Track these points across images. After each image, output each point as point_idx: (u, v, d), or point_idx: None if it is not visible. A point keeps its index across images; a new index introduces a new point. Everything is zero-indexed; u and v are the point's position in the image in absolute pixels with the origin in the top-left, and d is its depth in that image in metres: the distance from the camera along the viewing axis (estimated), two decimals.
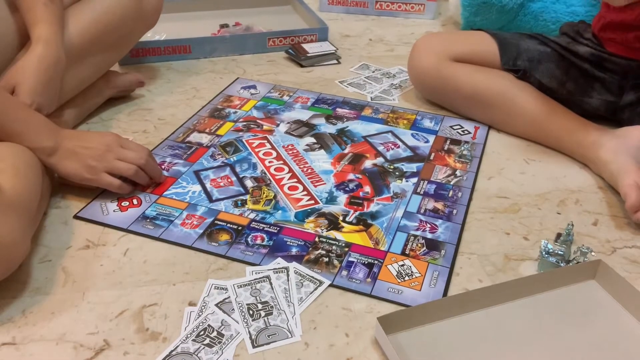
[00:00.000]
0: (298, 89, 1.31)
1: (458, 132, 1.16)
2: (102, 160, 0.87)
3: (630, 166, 0.94)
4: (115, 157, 0.88)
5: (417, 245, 0.85)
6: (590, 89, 1.12)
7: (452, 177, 1.02)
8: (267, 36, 1.49)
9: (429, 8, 1.77)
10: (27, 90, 0.89)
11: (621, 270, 0.82)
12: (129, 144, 0.91)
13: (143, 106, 1.22)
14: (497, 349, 0.69)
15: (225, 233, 0.86)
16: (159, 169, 0.96)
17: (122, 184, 0.90)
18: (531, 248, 0.86)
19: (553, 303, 0.76)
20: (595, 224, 0.92)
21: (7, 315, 0.71)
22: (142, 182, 0.93)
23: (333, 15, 1.78)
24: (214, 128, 1.14)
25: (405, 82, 1.36)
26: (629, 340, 0.71)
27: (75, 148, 0.87)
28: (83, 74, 1.07)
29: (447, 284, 0.79)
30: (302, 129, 1.15)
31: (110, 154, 0.88)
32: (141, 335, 0.70)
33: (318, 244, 0.84)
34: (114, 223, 0.87)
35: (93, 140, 0.89)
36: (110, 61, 1.15)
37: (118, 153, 0.89)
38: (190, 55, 1.44)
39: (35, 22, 0.94)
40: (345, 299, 0.76)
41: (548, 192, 0.99)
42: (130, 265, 0.80)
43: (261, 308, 0.73)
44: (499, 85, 1.13)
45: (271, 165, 1.03)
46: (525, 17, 1.52)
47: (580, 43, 1.14)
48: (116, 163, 0.88)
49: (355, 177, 1.00)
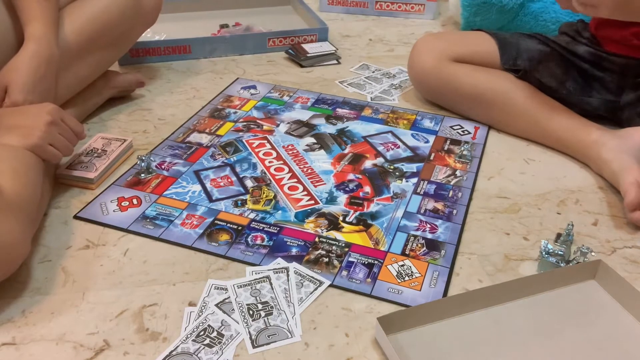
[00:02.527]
0: (298, 89, 1.31)
1: (458, 132, 1.16)
2: (46, 137, 0.84)
3: (632, 165, 0.94)
4: (58, 131, 0.86)
5: (417, 245, 0.85)
6: (590, 88, 1.12)
7: (452, 177, 1.02)
8: (267, 36, 1.49)
9: (429, 8, 1.77)
10: (18, 88, 0.89)
11: (621, 270, 0.82)
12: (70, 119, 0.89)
13: (143, 106, 1.22)
14: (497, 349, 0.69)
15: (225, 233, 0.86)
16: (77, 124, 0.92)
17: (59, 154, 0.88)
18: (531, 248, 0.86)
19: (553, 303, 0.76)
20: (595, 224, 0.92)
21: (7, 315, 0.71)
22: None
23: (333, 15, 1.78)
24: (214, 128, 1.14)
25: (405, 82, 1.36)
26: (629, 340, 0.71)
27: (16, 122, 0.84)
28: (82, 72, 1.06)
29: (447, 284, 0.79)
30: (302, 129, 1.15)
31: (54, 127, 0.85)
32: (141, 336, 0.70)
33: (318, 244, 0.84)
34: (114, 223, 0.87)
35: (35, 111, 0.86)
36: (109, 60, 1.14)
37: (61, 126, 0.86)
38: (190, 55, 1.44)
39: (28, 20, 0.94)
40: (345, 299, 0.76)
41: (548, 192, 0.99)
42: (130, 265, 0.80)
43: (261, 308, 0.73)
44: (499, 85, 1.13)
45: (271, 165, 1.03)
46: (525, 17, 1.52)
47: (579, 42, 1.14)
48: (58, 138, 0.86)
49: (355, 177, 1.00)
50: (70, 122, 0.89)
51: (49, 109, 0.86)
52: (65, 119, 0.88)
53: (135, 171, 0.99)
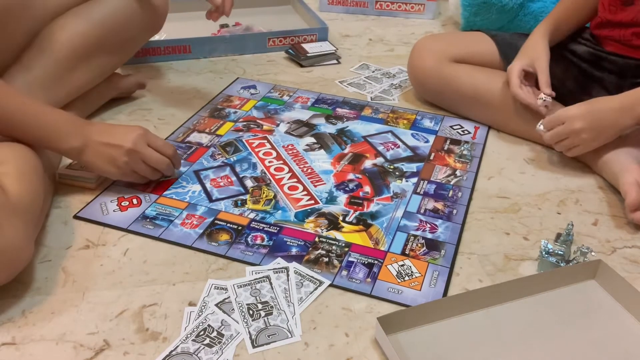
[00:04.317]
0: (298, 89, 1.31)
1: (458, 132, 1.16)
2: (129, 163, 0.87)
3: (632, 165, 0.94)
4: (140, 158, 0.88)
5: (417, 245, 0.85)
6: (589, 88, 1.12)
7: (452, 177, 1.02)
8: (267, 36, 1.49)
9: (429, 8, 1.77)
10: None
11: (621, 270, 0.82)
12: (156, 141, 0.90)
13: (143, 106, 1.22)
14: (497, 349, 0.69)
15: (225, 233, 0.86)
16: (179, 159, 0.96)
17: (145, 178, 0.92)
18: (531, 248, 0.86)
19: (553, 303, 0.76)
20: (595, 224, 0.92)
21: (7, 315, 0.71)
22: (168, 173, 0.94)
23: (333, 15, 1.78)
24: (214, 128, 1.14)
25: (405, 82, 1.36)
26: (629, 340, 0.71)
27: (101, 147, 0.86)
28: (86, 76, 1.06)
29: (447, 284, 0.79)
30: (302, 129, 1.15)
31: (137, 154, 0.88)
32: (141, 335, 0.70)
33: (318, 244, 0.84)
34: (114, 223, 0.87)
35: (120, 137, 0.87)
36: (114, 64, 1.14)
37: (144, 153, 0.88)
38: (190, 55, 1.44)
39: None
40: (345, 299, 0.76)
41: (548, 192, 0.99)
42: (130, 265, 0.80)
43: (261, 308, 0.73)
44: (499, 86, 1.13)
45: (271, 165, 1.03)
46: (525, 17, 1.52)
47: (579, 42, 1.14)
48: (140, 165, 0.89)
49: (355, 177, 1.00)
50: (158, 144, 0.90)
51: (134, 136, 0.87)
52: (152, 142, 0.89)
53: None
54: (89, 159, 0.86)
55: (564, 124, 0.99)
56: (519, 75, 1.07)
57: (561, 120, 0.99)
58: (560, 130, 0.99)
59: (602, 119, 0.97)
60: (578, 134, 0.98)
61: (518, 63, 1.08)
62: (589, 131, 0.97)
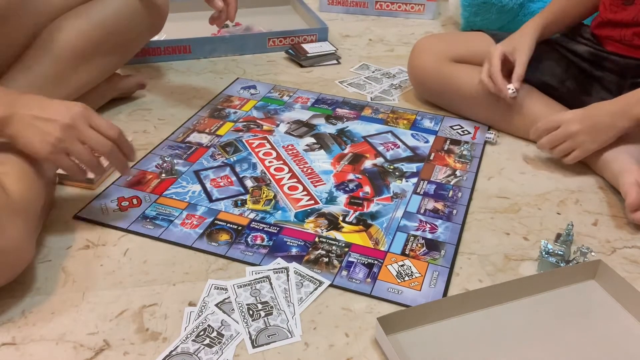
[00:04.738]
0: (298, 89, 1.31)
1: (458, 132, 1.16)
2: (63, 140, 0.75)
3: (632, 165, 0.94)
4: (78, 137, 0.76)
5: (417, 245, 0.85)
6: (589, 88, 1.12)
7: (452, 177, 1.02)
8: (267, 36, 1.49)
9: (428, 8, 1.77)
10: None
11: (621, 270, 0.82)
12: (99, 121, 0.78)
13: (143, 106, 1.22)
14: (497, 349, 0.69)
15: (225, 233, 0.86)
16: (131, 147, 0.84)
17: (80, 168, 0.80)
18: (531, 248, 0.86)
19: (553, 303, 0.76)
20: (595, 224, 0.92)
21: (7, 315, 0.71)
22: (115, 163, 0.81)
23: (333, 15, 1.78)
24: (214, 128, 1.14)
25: (405, 82, 1.36)
26: (629, 340, 0.71)
27: (33, 120, 0.74)
28: (87, 76, 1.06)
29: (447, 284, 0.79)
30: (302, 129, 1.15)
31: (74, 131, 0.75)
32: (141, 335, 0.70)
33: (318, 244, 0.84)
34: (114, 223, 0.87)
35: (56, 110, 0.75)
36: (114, 65, 1.13)
37: (83, 131, 0.76)
38: (190, 55, 1.44)
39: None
40: (345, 299, 0.76)
41: (548, 192, 0.99)
42: (130, 265, 0.80)
43: (261, 308, 0.73)
44: None
45: (271, 165, 1.03)
46: (525, 17, 1.52)
47: (579, 42, 1.14)
48: (77, 146, 0.76)
49: (355, 177, 1.00)
50: (101, 123, 0.77)
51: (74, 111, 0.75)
52: (94, 122, 0.77)
53: (157, 170, 0.99)
54: (14, 132, 0.74)
55: (560, 127, 0.99)
56: (501, 58, 1.08)
57: (557, 124, 0.99)
58: (557, 134, 0.99)
59: (599, 121, 0.97)
60: (575, 137, 0.98)
61: (501, 48, 1.09)
62: (586, 133, 0.97)
